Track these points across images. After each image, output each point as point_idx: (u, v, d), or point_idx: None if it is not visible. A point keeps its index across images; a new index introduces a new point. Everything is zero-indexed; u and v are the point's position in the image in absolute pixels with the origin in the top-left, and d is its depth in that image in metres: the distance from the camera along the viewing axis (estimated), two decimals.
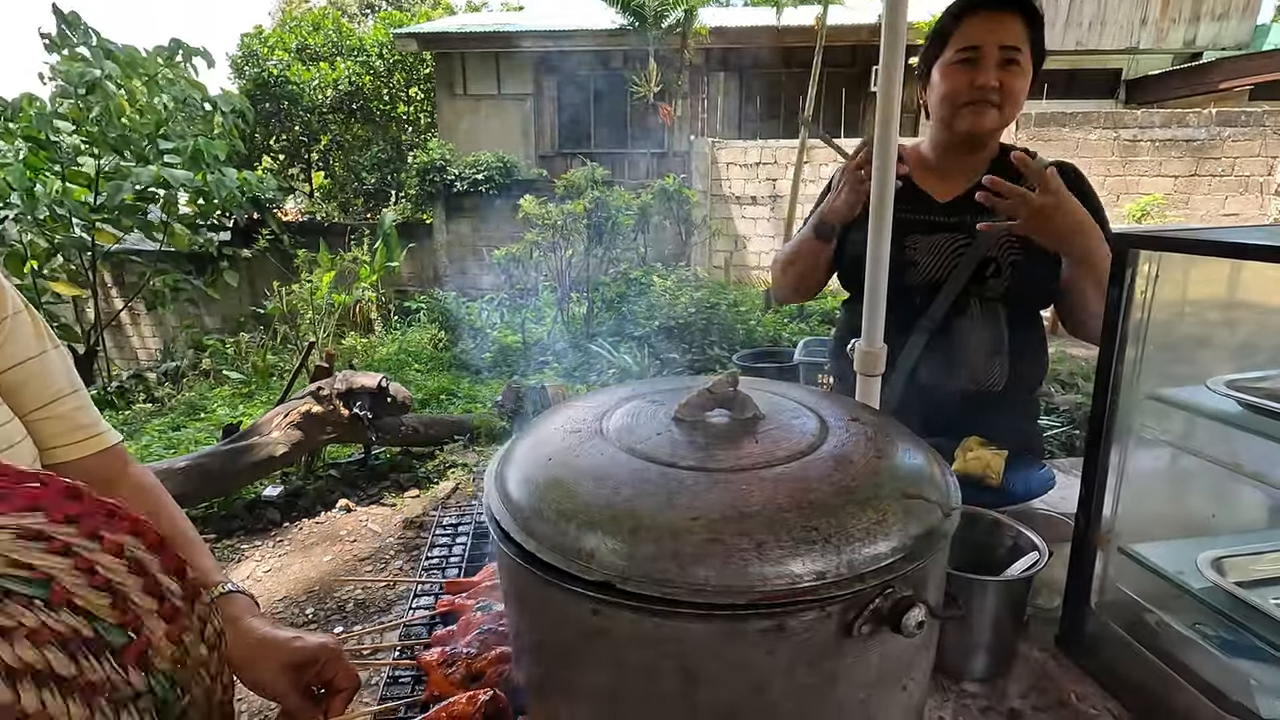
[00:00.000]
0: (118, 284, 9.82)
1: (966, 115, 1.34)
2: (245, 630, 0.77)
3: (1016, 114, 1.35)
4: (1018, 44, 1.29)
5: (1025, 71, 1.32)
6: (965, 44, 1.30)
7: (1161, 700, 0.83)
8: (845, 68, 11.07)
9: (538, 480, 0.65)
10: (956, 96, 1.33)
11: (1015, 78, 1.30)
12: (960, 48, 1.31)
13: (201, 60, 7.62)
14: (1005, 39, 1.28)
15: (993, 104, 1.31)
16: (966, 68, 1.31)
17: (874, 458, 0.65)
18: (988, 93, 1.29)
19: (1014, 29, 1.29)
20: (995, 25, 1.28)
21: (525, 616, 0.67)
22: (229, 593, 0.82)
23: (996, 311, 1.44)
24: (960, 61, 1.31)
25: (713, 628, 0.54)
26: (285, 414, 4.00)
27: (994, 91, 1.29)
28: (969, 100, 1.32)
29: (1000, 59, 1.29)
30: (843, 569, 0.54)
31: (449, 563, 1.28)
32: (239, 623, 0.78)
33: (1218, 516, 0.87)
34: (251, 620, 0.79)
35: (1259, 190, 8.94)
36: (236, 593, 0.82)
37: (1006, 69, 1.29)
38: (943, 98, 1.36)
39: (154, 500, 0.89)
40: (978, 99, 1.31)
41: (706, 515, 0.56)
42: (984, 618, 0.91)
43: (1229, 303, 0.86)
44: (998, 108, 1.31)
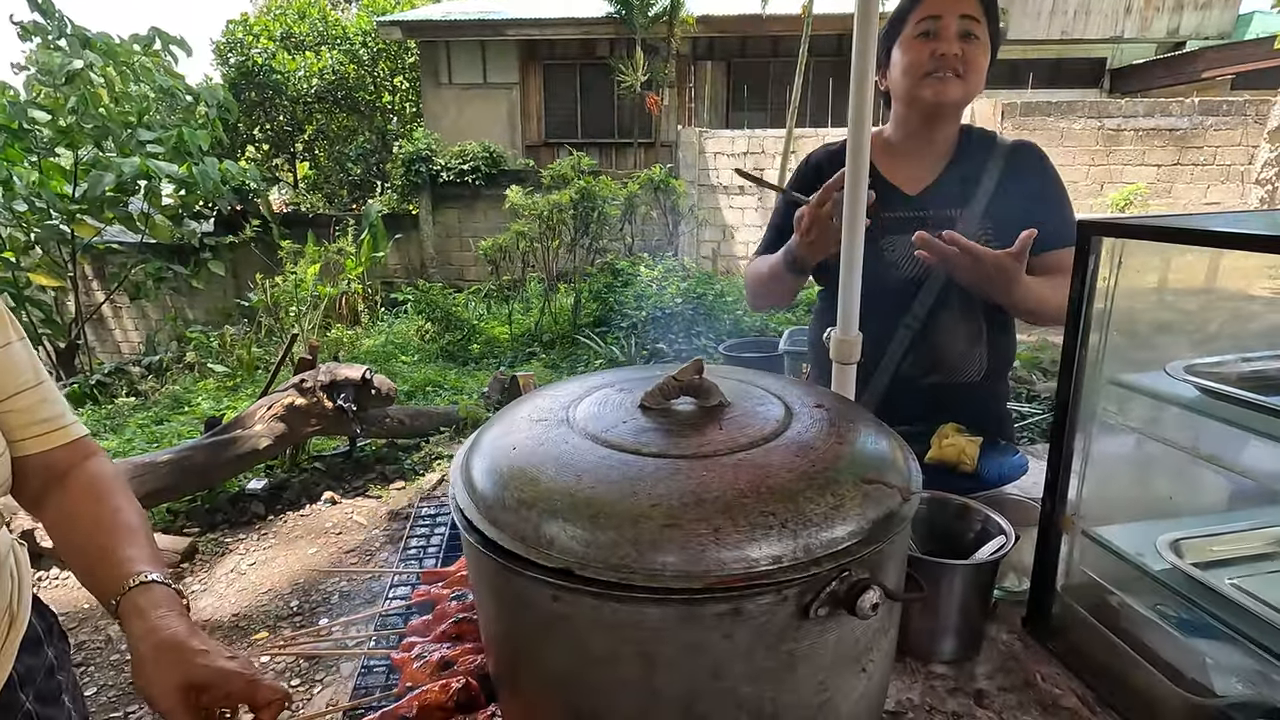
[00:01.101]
0: (98, 276, 9.70)
1: (930, 84, 1.33)
2: (150, 627, 0.69)
3: (979, 88, 1.35)
4: (975, 15, 1.30)
5: (984, 46, 1.33)
6: (926, 14, 1.31)
7: (1123, 679, 0.85)
8: (832, 56, 11.05)
9: (502, 469, 0.65)
10: (919, 67, 1.32)
11: (976, 50, 1.31)
12: (920, 18, 1.32)
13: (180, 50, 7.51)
14: (964, 8, 1.30)
15: (956, 73, 1.31)
16: (927, 39, 1.31)
17: (835, 443, 0.65)
18: (950, 61, 1.29)
19: (972, 3, 1.30)
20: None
21: (491, 604, 0.67)
22: (149, 583, 0.75)
23: (974, 303, 1.45)
24: (921, 34, 1.32)
25: (670, 612, 0.54)
26: (269, 406, 3.97)
27: (957, 60, 1.29)
28: (931, 70, 1.32)
29: (960, 29, 1.30)
30: (799, 553, 0.55)
31: (426, 553, 1.28)
32: (145, 617, 0.70)
33: (1176, 499, 0.88)
34: (164, 616, 0.71)
35: (1240, 179, 9.03)
36: (158, 584, 0.75)
37: (967, 40, 1.30)
38: (905, 70, 1.35)
39: (99, 490, 0.85)
40: (940, 67, 1.31)
41: (666, 502, 0.57)
42: (952, 601, 0.92)
43: (1190, 289, 0.87)
44: (960, 78, 1.31)
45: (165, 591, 0.75)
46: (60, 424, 0.86)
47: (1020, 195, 1.38)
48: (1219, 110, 8.93)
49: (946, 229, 1.40)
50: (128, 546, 0.79)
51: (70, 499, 0.84)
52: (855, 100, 1.23)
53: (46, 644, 0.94)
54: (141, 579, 0.75)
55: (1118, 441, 0.92)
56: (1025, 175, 1.39)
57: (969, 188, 1.40)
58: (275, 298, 7.62)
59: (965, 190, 1.40)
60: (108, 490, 0.86)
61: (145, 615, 0.71)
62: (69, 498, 0.84)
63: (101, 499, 0.84)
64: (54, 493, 0.85)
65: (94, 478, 0.86)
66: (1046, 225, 1.37)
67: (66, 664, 0.99)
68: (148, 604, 0.72)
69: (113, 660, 2.69)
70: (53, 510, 0.84)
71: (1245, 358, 0.79)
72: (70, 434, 0.87)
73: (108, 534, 0.80)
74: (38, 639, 0.92)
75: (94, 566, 0.78)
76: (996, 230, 1.38)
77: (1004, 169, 1.39)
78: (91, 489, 0.85)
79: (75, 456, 0.87)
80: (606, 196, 7.07)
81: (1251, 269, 0.84)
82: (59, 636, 0.99)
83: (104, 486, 0.86)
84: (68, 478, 0.85)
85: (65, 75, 6.40)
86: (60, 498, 0.84)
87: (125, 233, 8.14)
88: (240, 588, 3.19)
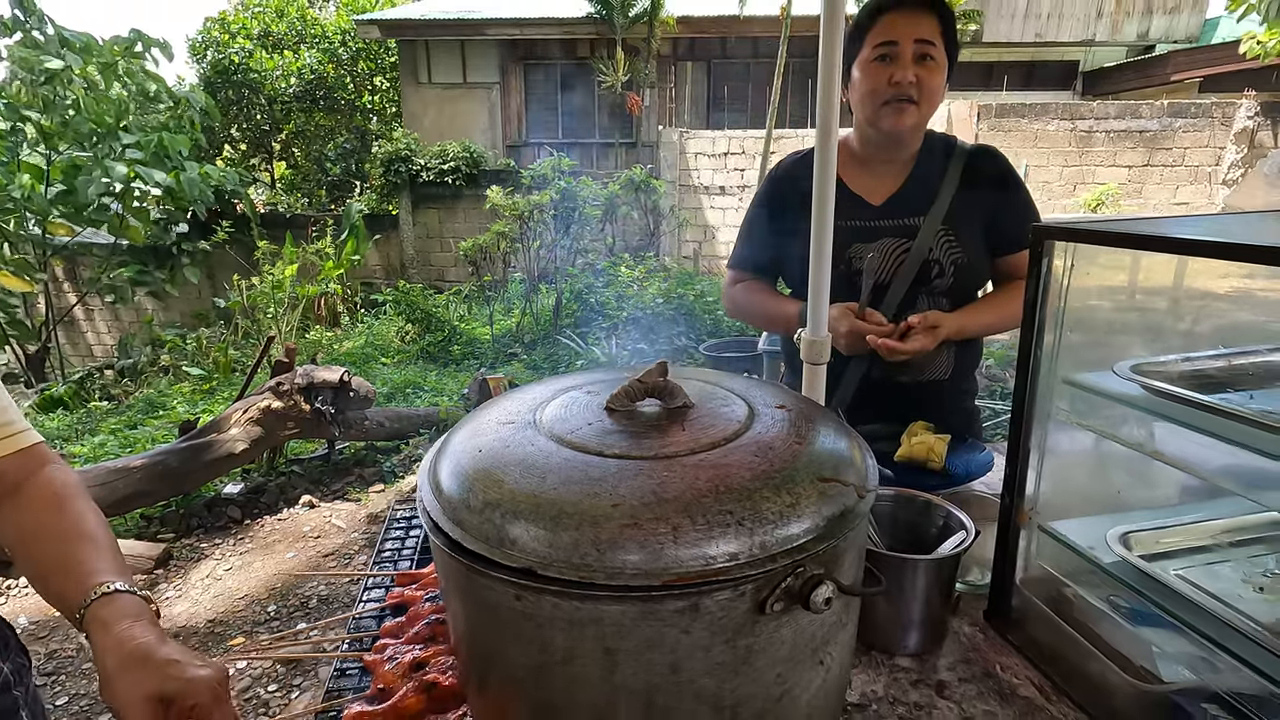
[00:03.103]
0: (70, 278, 9.51)
1: (888, 114, 1.37)
2: (117, 638, 0.67)
3: (935, 109, 1.40)
4: (932, 39, 1.33)
5: (941, 67, 1.36)
6: (882, 39, 1.34)
7: (1077, 668, 0.87)
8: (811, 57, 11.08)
9: (468, 471, 0.66)
10: (876, 95, 1.36)
11: (931, 73, 1.34)
12: (877, 43, 1.34)
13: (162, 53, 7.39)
14: (920, 33, 1.32)
15: (912, 100, 1.35)
16: (884, 64, 1.34)
17: (794, 444, 0.67)
18: (906, 89, 1.33)
19: (928, 24, 1.32)
20: (911, 20, 1.32)
21: (457, 604, 0.68)
22: (112, 593, 0.72)
23: (942, 305, 1.48)
24: (878, 58, 1.35)
25: (630, 609, 0.56)
26: (244, 410, 3.93)
27: (912, 87, 1.33)
28: (888, 99, 1.35)
29: (916, 53, 1.32)
30: (755, 550, 0.56)
31: (401, 555, 1.29)
32: (109, 629, 0.68)
33: (1127, 494, 0.91)
34: (130, 627, 0.68)
35: (1208, 180, 9.24)
36: (124, 593, 0.72)
37: (923, 64, 1.33)
38: (863, 97, 1.39)
39: (57, 500, 0.81)
40: (897, 97, 1.34)
41: (627, 502, 0.58)
42: (915, 595, 0.95)
43: (1141, 290, 0.90)
44: (916, 104, 1.35)
45: (131, 600, 0.72)
46: (10, 431, 0.83)
47: (980, 201, 1.43)
48: (1187, 112, 9.14)
49: (908, 237, 1.44)
50: (89, 556, 0.76)
51: (26, 510, 0.80)
52: (822, 112, 1.26)
53: (2, 658, 0.91)
54: (104, 589, 0.72)
55: (1072, 438, 0.95)
56: (985, 180, 1.44)
57: (929, 196, 1.44)
58: (252, 299, 7.53)
59: (926, 198, 1.44)
60: (66, 498, 0.82)
61: (109, 627, 0.68)
62: (25, 509, 0.80)
63: (60, 508, 0.81)
64: (6, 504, 0.81)
65: (50, 487, 0.82)
66: (1007, 229, 1.43)
67: (26, 677, 0.95)
68: (112, 615, 0.70)
69: (84, 669, 2.66)
70: (7, 523, 0.81)
71: (1187, 357, 0.82)
72: (21, 442, 0.83)
73: (68, 544, 0.77)
74: None
75: (54, 578, 0.75)
76: (957, 235, 1.42)
77: (963, 175, 1.43)
78: (48, 498, 0.81)
79: (30, 465, 0.84)
80: (587, 197, 7.08)
81: (1201, 271, 0.87)
82: (17, 650, 0.95)
83: (62, 495, 0.82)
84: (22, 488, 0.82)
85: (44, 74, 6.27)
86: (14, 509, 0.81)
87: (98, 234, 8.00)
88: (216, 593, 3.15)
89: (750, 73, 11.70)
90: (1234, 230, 0.84)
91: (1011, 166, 1.47)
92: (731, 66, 11.84)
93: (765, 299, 1.61)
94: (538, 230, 7.02)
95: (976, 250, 1.44)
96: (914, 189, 1.45)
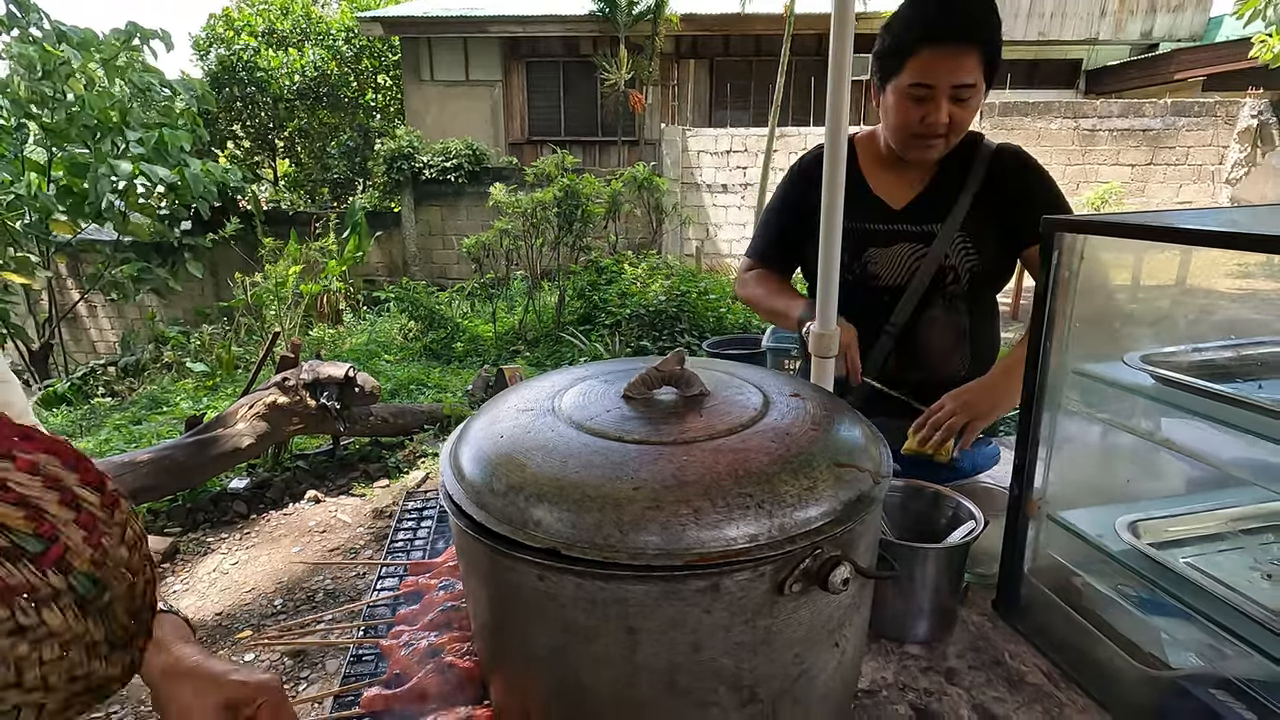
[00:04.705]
0: (73, 275, 9.54)
1: (916, 147, 1.36)
2: (175, 657, 0.70)
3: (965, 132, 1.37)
4: (972, 80, 1.27)
5: (978, 98, 1.31)
6: (919, 80, 1.28)
7: (1086, 656, 0.88)
8: (814, 55, 11.13)
9: (490, 456, 0.68)
10: (907, 128, 1.34)
11: (965, 110, 1.31)
12: (913, 82, 1.29)
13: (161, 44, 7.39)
14: (959, 77, 1.26)
15: (941, 137, 1.33)
16: (919, 104, 1.30)
17: (810, 430, 0.68)
18: (937, 128, 1.30)
19: (969, 63, 1.26)
20: (951, 63, 1.26)
21: (479, 587, 0.69)
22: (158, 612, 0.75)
23: (959, 308, 1.49)
24: (913, 97, 1.30)
25: (652, 589, 0.57)
26: (250, 405, 3.94)
27: (943, 126, 1.30)
28: (919, 133, 1.33)
29: (952, 96, 1.29)
30: (774, 531, 0.57)
31: (413, 545, 1.30)
32: (168, 648, 0.71)
33: (1135, 483, 0.93)
34: (183, 646, 0.72)
35: (1211, 179, 9.24)
36: (165, 613, 0.75)
37: (958, 103, 1.30)
38: (894, 125, 1.37)
39: None
40: (927, 134, 1.32)
41: (648, 485, 0.59)
42: (924, 584, 0.96)
43: (1150, 284, 0.91)
44: (945, 138, 1.33)
45: (174, 620, 0.75)
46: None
47: (1003, 201, 1.41)
48: (1191, 111, 9.13)
49: (924, 243, 1.44)
50: None
51: None
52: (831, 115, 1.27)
53: None
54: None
55: (1081, 429, 0.96)
56: (1007, 181, 1.41)
57: (949, 202, 1.43)
58: (255, 296, 7.55)
59: (946, 204, 1.43)
60: None
61: (165, 648, 0.71)
62: None
63: None
64: None
65: None
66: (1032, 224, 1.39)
67: None
68: (163, 635, 0.72)
69: None
70: None
71: (1197, 347, 0.83)
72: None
73: None
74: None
75: None
76: (975, 242, 1.41)
77: (985, 178, 1.42)
78: None
79: None
80: (590, 194, 7.08)
81: (1207, 264, 0.88)
82: None
83: None
84: None
85: (43, 70, 6.29)
86: None
87: (101, 231, 8.02)
88: (223, 587, 3.17)
89: (753, 70, 11.70)
90: (1242, 222, 0.85)
91: (1036, 162, 1.44)
92: (734, 64, 11.84)
93: (770, 292, 1.60)
94: (541, 227, 7.03)
95: (995, 255, 1.43)
96: (935, 193, 1.44)
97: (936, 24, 1.27)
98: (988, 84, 1.32)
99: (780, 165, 9.23)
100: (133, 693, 2.49)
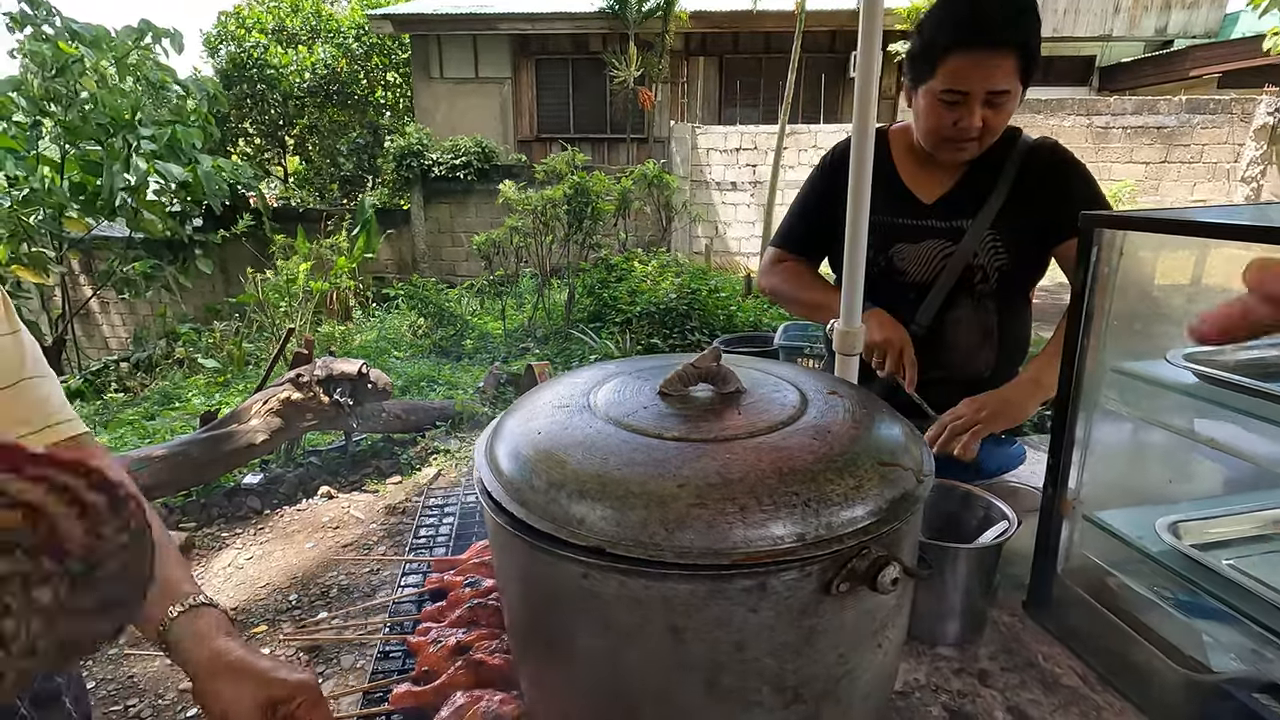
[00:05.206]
0: (86, 271, 9.60)
1: (947, 149, 1.34)
2: (215, 651, 0.72)
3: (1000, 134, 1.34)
4: (1007, 86, 1.23)
5: (1013, 102, 1.28)
6: (950, 86, 1.25)
7: (1121, 658, 0.87)
8: (825, 53, 11.09)
9: (528, 453, 0.67)
10: (939, 132, 1.32)
11: (999, 114, 1.28)
12: (946, 88, 1.26)
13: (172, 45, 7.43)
14: (993, 83, 1.23)
15: (974, 140, 1.30)
16: (951, 109, 1.28)
17: (851, 428, 0.67)
18: (970, 132, 1.28)
19: (1004, 68, 1.22)
20: (986, 69, 1.22)
21: (518, 584, 0.69)
22: (198, 606, 0.75)
23: (986, 306, 1.47)
24: (946, 102, 1.27)
25: (699, 588, 0.56)
26: (264, 401, 3.96)
27: (976, 131, 1.28)
28: (952, 137, 1.31)
29: (986, 101, 1.25)
30: (821, 530, 0.57)
31: (436, 542, 1.30)
32: (210, 641, 0.73)
33: (1175, 483, 0.91)
34: (226, 640, 0.73)
35: (1226, 177, 9.15)
36: (207, 606, 0.76)
37: (991, 108, 1.26)
38: (926, 129, 1.35)
39: None
40: (959, 138, 1.30)
41: (692, 482, 0.59)
42: (957, 584, 0.95)
43: (1187, 280, 0.90)
44: (978, 141, 1.31)
45: (215, 613, 0.76)
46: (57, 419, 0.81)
47: (1035, 199, 1.38)
48: (1206, 108, 9.04)
49: (953, 240, 1.43)
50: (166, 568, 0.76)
51: None
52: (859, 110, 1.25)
53: None
54: (190, 602, 0.75)
55: (1117, 428, 0.94)
56: (1043, 177, 1.38)
57: (981, 199, 1.40)
58: (266, 293, 7.58)
59: (977, 200, 1.41)
60: None
61: (204, 641, 0.72)
62: None
63: None
64: None
65: None
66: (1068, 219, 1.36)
67: None
68: (205, 629, 0.73)
69: (110, 654, 2.69)
70: None
71: (1243, 346, 0.81)
72: (65, 431, 0.82)
73: None
74: None
75: None
76: (1005, 240, 1.40)
77: (1019, 173, 1.39)
78: None
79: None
80: (600, 192, 7.07)
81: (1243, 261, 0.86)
82: None
83: None
84: None
85: (56, 68, 6.32)
86: None
87: (113, 227, 8.07)
88: (238, 582, 3.19)
89: (763, 68, 11.67)
90: None
91: (1073, 158, 1.41)
92: (744, 61, 11.80)
93: (805, 285, 1.56)
94: (551, 225, 7.03)
95: (1026, 253, 1.40)
96: (967, 189, 1.42)
97: (969, 27, 1.23)
98: (1024, 86, 1.28)
99: (790, 163, 9.20)
100: (150, 686, 2.51)
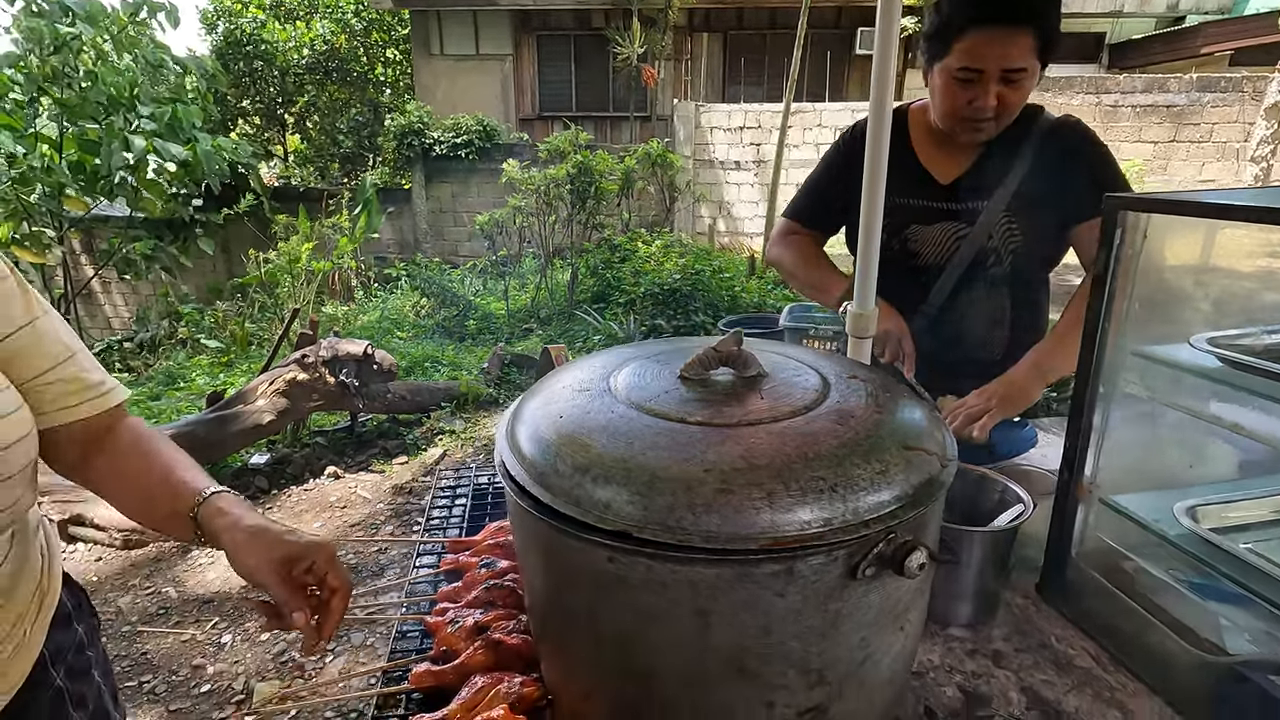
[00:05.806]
0: (87, 251, 9.56)
1: (964, 130, 1.32)
2: (235, 521, 0.80)
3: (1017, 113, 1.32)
4: (1023, 64, 1.22)
5: (1030, 80, 1.26)
6: (967, 64, 1.23)
7: (1135, 640, 0.88)
8: (831, 29, 10.92)
9: (550, 436, 0.67)
10: (955, 112, 1.30)
11: (1016, 92, 1.26)
12: (961, 65, 1.24)
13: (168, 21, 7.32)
14: (1009, 61, 1.21)
15: (990, 120, 1.28)
16: (966, 87, 1.26)
17: (874, 412, 0.67)
18: (985, 111, 1.26)
19: (1021, 46, 1.21)
20: (1001, 47, 1.21)
21: (540, 568, 0.69)
22: (219, 492, 0.84)
23: (1000, 289, 1.46)
24: (961, 79, 1.26)
25: (726, 572, 0.56)
26: (270, 381, 3.97)
27: (991, 110, 1.26)
28: (967, 116, 1.29)
29: (1002, 79, 1.24)
30: (849, 515, 0.57)
31: (450, 523, 1.31)
32: (227, 516, 0.80)
33: (1189, 467, 0.91)
34: (242, 513, 0.81)
35: (1235, 156, 9.05)
36: (222, 492, 0.84)
37: (1008, 85, 1.25)
38: (942, 109, 1.33)
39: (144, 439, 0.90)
40: (975, 117, 1.28)
41: (718, 467, 0.59)
42: (972, 567, 0.95)
43: (1212, 263, 0.89)
44: (995, 120, 1.29)
45: (232, 497, 0.84)
46: (99, 392, 0.86)
47: (1053, 180, 1.36)
48: (1217, 87, 8.92)
49: (967, 223, 1.42)
50: (191, 476, 0.86)
51: (117, 455, 0.87)
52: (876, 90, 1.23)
53: (76, 620, 0.95)
54: (211, 491, 0.83)
55: (1134, 412, 0.94)
56: (1062, 158, 1.36)
57: (999, 179, 1.38)
58: (269, 273, 7.56)
59: (994, 182, 1.39)
60: (154, 437, 0.91)
61: (226, 513, 0.80)
62: (115, 454, 0.87)
63: (155, 445, 0.89)
64: (97, 455, 0.87)
65: (137, 431, 0.90)
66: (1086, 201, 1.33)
67: (96, 639, 1.00)
68: (226, 504, 0.81)
69: (124, 631, 2.73)
70: (100, 469, 0.87)
71: (1269, 330, 0.81)
72: (109, 401, 0.87)
73: (165, 468, 0.86)
74: (68, 615, 0.94)
75: (162, 499, 0.84)
76: (1020, 223, 1.38)
77: (1038, 153, 1.36)
78: (136, 441, 0.89)
79: (114, 420, 0.89)
80: (604, 171, 7.01)
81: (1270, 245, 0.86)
82: (89, 612, 1.00)
83: (149, 435, 0.91)
84: (108, 437, 0.88)
85: (53, 45, 6.24)
86: (106, 457, 0.87)
87: (111, 207, 8.02)
88: None
89: (767, 44, 11.50)
90: None
91: (1096, 138, 1.38)
92: (748, 38, 11.63)
93: (809, 264, 1.55)
94: (554, 205, 6.98)
95: (1040, 236, 1.39)
96: (984, 171, 1.40)
97: (985, 2, 1.21)
98: (1043, 65, 1.26)
99: (795, 142, 9.11)
100: (164, 662, 2.54)
